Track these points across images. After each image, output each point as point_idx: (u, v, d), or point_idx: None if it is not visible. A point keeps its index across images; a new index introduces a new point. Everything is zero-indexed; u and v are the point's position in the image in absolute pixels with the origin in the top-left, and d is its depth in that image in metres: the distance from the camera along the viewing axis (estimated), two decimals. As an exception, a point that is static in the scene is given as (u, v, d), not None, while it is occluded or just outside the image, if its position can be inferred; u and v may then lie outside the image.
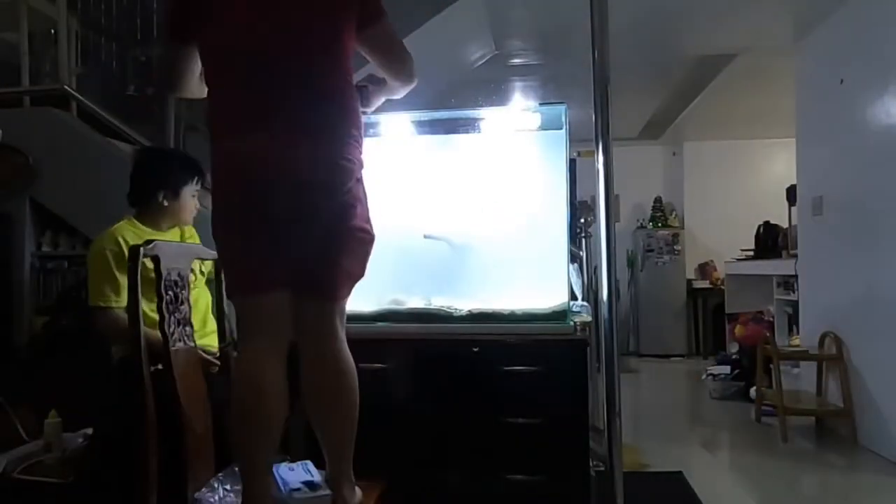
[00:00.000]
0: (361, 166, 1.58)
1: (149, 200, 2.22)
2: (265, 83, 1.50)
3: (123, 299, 2.04)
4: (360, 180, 1.57)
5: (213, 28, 1.53)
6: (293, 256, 1.50)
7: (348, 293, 1.60)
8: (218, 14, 1.52)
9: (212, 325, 2.21)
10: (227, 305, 1.94)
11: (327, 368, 1.55)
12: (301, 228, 1.50)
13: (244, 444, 1.48)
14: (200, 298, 2.22)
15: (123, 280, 2.04)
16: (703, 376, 5.27)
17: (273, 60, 1.50)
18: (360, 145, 1.58)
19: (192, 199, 2.26)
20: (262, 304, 1.49)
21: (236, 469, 1.60)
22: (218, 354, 2.04)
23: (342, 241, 1.54)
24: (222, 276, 1.93)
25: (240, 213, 1.49)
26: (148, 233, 2.17)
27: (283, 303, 1.51)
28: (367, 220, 1.60)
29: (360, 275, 1.60)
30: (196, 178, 2.27)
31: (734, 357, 5.25)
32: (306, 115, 1.49)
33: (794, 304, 4.73)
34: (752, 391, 4.41)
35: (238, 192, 1.48)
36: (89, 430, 2.16)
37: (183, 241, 2.28)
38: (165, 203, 2.21)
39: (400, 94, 1.80)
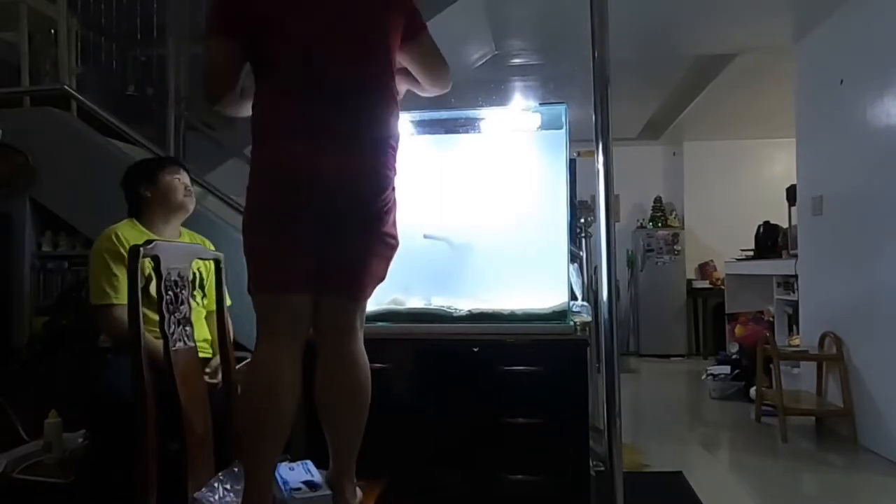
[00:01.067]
0: (396, 174, 1.61)
1: (136, 201, 2.24)
2: (312, 90, 1.51)
3: (122, 295, 2.05)
4: (394, 188, 1.60)
5: (264, 31, 1.53)
6: (325, 259, 1.53)
7: (371, 294, 1.64)
8: (269, 18, 1.53)
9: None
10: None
11: (346, 366, 1.57)
12: (335, 232, 1.52)
13: (253, 442, 1.48)
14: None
15: (121, 275, 2.05)
16: (703, 376, 5.27)
17: (322, 68, 1.52)
18: (397, 154, 1.61)
19: (177, 182, 2.25)
20: (288, 305, 1.51)
21: (236, 469, 1.60)
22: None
23: (372, 245, 1.57)
24: (223, 277, 1.93)
25: (278, 216, 1.50)
26: (147, 233, 2.17)
27: (307, 304, 1.54)
28: (395, 226, 1.63)
29: (383, 277, 1.64)
30: (173, 164, 2.30)
31: (734, 357, 5.25)
32: (351, 123, 1.52)
33: (794, 304, 4.73)
34: (752, 391, 4.40)
35: (279, 195, 1.50)
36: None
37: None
38: (148, 194, 2.22)
39: (427, 94, 1.83)
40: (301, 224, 1.50)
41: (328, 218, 1.50)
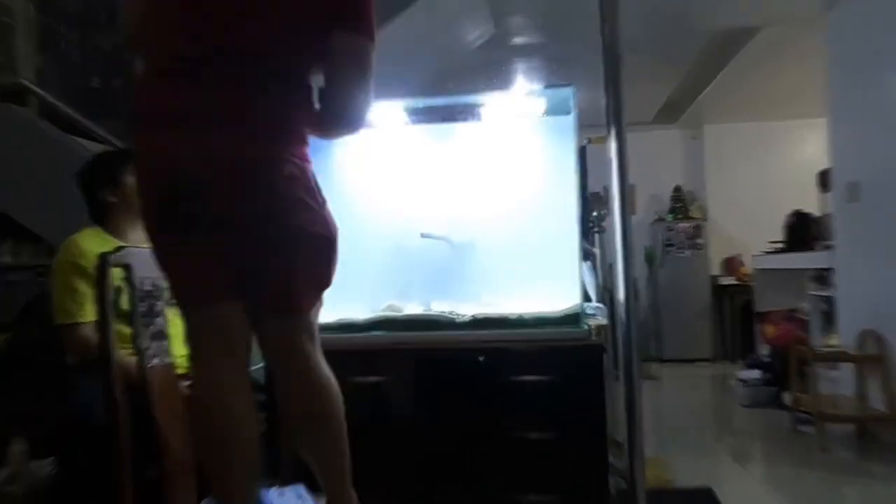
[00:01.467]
0: (309, 163, 1.54)
1: (99, 206, 2.21)
2: (206, 71, 1.44)
3: (87, 312, 2.04)
4: (307, 179, 1.52)
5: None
6: (238, 262, 1.45)
7: (312, 305, 1.55)
8: None
9: None
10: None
11: (304, 391, 1.51)
12: (241, 231, 1.45)
13: (218, 472, 1.44)
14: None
15: (84, 291, 2.04)
16: (732, 382, 5.28)
17: (217, 46, 1.45)
18: (306, 142, 1.54)
19: None
20: (212, 317, 1.44)
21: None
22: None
23: (294, 246, 1.49)
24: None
25: (168, 214, 1.42)
26: (113, 242, 2.13)
27: (236, 314, 1.46)
28: (323, 223, 1.53)
29: (325, 283, 1.55)
30: None
31: (765, 360, 5.26)
32: (246, 107, 1.45)
33: (830, 301, 4.73)
34: (786, 397, 4.41)
35: (166, 189, 1.41)
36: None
37: None
38: (112, 199, 2.19)
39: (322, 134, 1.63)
40: (200, 224, 1.41)
41: (229, 216, 1.42)
